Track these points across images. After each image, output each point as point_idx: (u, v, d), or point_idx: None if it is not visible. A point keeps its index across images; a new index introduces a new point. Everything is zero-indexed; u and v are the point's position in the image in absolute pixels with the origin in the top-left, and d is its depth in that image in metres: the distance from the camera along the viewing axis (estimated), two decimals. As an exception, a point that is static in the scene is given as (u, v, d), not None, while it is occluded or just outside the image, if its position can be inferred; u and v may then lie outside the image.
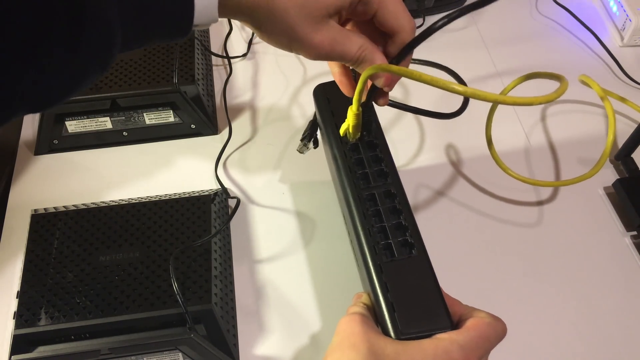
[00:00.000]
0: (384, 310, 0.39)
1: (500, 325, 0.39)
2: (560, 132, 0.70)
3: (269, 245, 0.60)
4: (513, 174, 0.63)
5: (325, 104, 0.51)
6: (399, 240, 0.42)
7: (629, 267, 0.59)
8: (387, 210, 0.44)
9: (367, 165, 0.46)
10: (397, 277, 0.40)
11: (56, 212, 0.57)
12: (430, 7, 0.80)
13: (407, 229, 0.43)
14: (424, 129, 0.70)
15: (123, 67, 0.67)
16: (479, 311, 0.40)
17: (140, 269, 0.52)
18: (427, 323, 0.39)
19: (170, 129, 0.68)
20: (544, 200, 0.64)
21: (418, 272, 0.41)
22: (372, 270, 0.41)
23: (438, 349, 0.36)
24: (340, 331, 0.39)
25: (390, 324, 0.39)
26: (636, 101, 0.71)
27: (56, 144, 0.67)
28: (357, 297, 0.44)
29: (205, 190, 0.62)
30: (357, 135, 0.46)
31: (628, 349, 0.54)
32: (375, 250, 0.42)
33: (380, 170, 0.46)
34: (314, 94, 0.52)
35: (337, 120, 0.49)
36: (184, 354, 0.50)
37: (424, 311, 0.39)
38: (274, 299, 0.56)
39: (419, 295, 0.40)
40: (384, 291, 0.40)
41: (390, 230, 0.43)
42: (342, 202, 0.48)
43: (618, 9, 0.81)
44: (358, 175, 0.45)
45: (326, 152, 0.55)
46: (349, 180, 0.45)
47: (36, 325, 0.49)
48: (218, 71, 0.76)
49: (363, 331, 0.38)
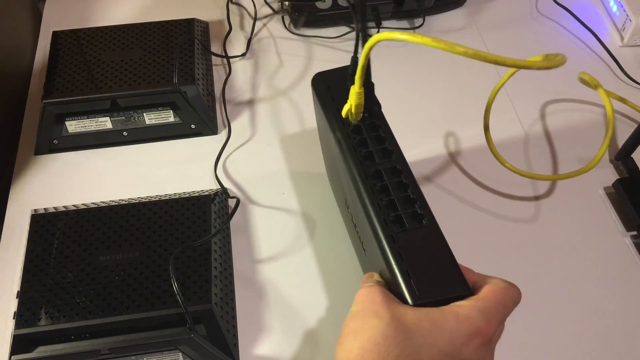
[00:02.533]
0: (400, 279, 0.39)
1: (516, 290, 0.39)
2: (559, 130, 0.70)
3: (269, 245, 0.60)
4: (510, 166, 0.63)
5: (325, 90, 0.50)
6: (409, 212, 0.42)
7: (629, 267, 0.59)
8: (394, 185, 0.43)
9: (370, 144, 0.46)
10: (410, 246, 0.40)
11: (56, 212, 0.57)
12: (430, 7, 0.80)
13: (415, 201, 0.42)
14: (421, 119, 0.71)
15: (123, 67, 0.67)
16: (493, 278, 0.40)
17: (140, 269, 0.52)
18: (445, 288, 0.38)
19: (170, 129, 0.68)
20: (547, 200, 0.64)
21: (430, 241, 0.40)
22: (384, 241, 0.40)
23: (459, 315, 0.36)
24: (360, 301, 0.39)
25: (407, 291, 0.38)
26: (636, 101, 0.71)
27: (56, 144, 0.67)
28: (368, 276, 0.44)
29: (205, 190, 0.62)
30: (359, 117, 0.46)
31: (628, 349, 0.54)
32: (386, 222, 0.41)
33: (384, 149, 0.45)
34: (312, 82, 0.52)
35: (338, 105, 0.48)
36: (184, 354, 0.50)
37: (440, 277, 0.39)
38: (274, 299, 0.56)
39: (433, 263, 0.39)
40: (398, 260, 0.39)
41: (399, 202, 0.42)
42: (346, 185, 0.48)
43: (618, 9, 0.81)
44: (363, 153, 0.45)
45: (325, 140, 0.54)
46: (353, 159, 0.45)
47: (36, 325, 0.49)
48: (217, 71, 0.76)
49: (384, 300, 0.38)
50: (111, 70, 0.66)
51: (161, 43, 0.70)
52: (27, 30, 0.79)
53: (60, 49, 0.69)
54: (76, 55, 0.68)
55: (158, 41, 0.70)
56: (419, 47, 0.78)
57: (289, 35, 0.81)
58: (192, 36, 0.71)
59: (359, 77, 0.43)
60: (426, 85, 0.74)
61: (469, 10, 0.84)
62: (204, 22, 0.79)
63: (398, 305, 0.37)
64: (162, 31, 0.71)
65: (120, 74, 0.66)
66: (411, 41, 0.36)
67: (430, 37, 0.35)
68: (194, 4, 0.84)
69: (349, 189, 0.47)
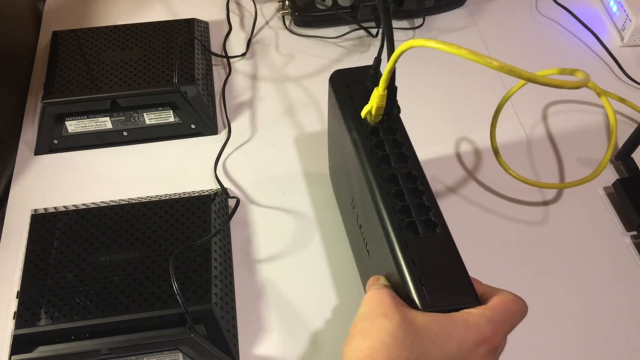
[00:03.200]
0: (411, 284, 0.39)
1: (523, 303, 0.39)
2: (560, 132, 0.70)
3: (269, 245, 0.60)
4: (517, 175, 0.63)
5: (344, 88, 0.50)
6: (423, 219, 0.42)
7: (629, 267, 0.59)
8: (409, 190, 0.43)
9: (387, 147, 0.45)
10: (422, 253, 0.40)
11: (56, 212, 0.57)
12: (430, 7, 0.80)
13: (430, 209, 0.42)
14: (432, 122, 0.71)
15: (123, 67, 0.67)
16: (501, 290, 0.40)
17: (140, 269, 0.52)
18: (455, 297, 0.38)
19: (170, 129, 0.68)
20: (548, 201, 0.64)
21: (443, 250, 0.40)
22: (397, 246, 0.40)
23: (468, 321, 0.36)
24: (368, 302, 0.39)
25: (417, 297, 0.38)
26: (636, 101, 0.71)
27: (56, 144, 0.67)
28: (374, 279, 0.43)
29: (205, 190, 0.62)
30: (378, 119, 0.46)
31: (628, 349, 0.54)
32: (400, 227, 0.41)
33: (401, 153, 0.45)
34: (330, 79, 0.52)
35: (356, 105, 0.48)
36: (184, 354, 0.50)
37: (451, 286, 0.39)
38: (274, 299, 0.56)
39: (445, 271, 0.39)
40: (411, 266, 0.39)
41: (413, 208, 0.42)
42: (357, 186, 0.48)
43: (618, 9, 0.81)
44: (379, 156, 0.45)
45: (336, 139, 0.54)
46: (369, 161, 0.45)
47: (36, 325, 0.49)
48: (217, 71, 0.76)
49: (393, 302, 0.38)
50: (111, 70, 0.66)
51: (161, 43, 0.70)
52: (27, 30, 0.79)
53: (60, 49, 0.69)
54: (76, 55, 0.68)
55: (158, 41, 0.70)
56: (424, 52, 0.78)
57: (289, 35, 0.80)
58: (192, 36, 0.71)
59: (384, 80, 0.42)
60: (431, 90, 0.74)
61: (469, 10, 0.84)
62: (204, 22, 0.79)
63: (408, 309, 0.38)
64: (162, 31, 0.71)
65: (120, 74, 0.66)
66: (446, 51, 0.35)
67: (467, 48, 0.34)
68: (194, 4, 0.84)
69: (360, 190, 0.47)
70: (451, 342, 0.36)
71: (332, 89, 0.51)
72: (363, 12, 0.77)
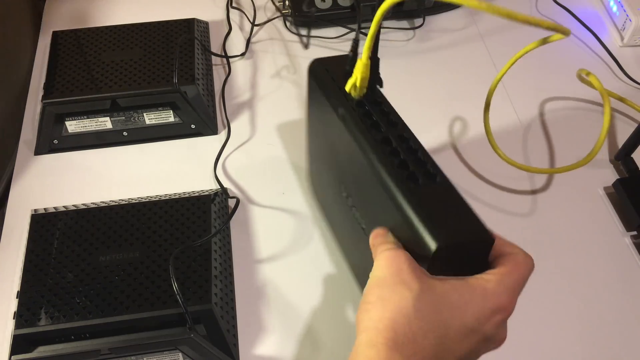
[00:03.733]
0: (420, 225, 0.38)
1: (531, 261, 0.39)
2: (557, 127, 0.70)
3: (269, 245, 0.60)
4: (507, 158, 0.63)
5: (324, 73, 0.50)
6: (422, 171, 0.41)
7: (629, 267, 0.59)
8: (403, 149, 0.43)
9: (375, 116, 0.46)
10: (428, 198, 0.39)
11: (56, 212, 0.57)
12: (430, 7, 0.80)
13: (425, 162, 0.42)
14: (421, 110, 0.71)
15: (123, 67, 0.67)
16: (512, 245, 0.39)
17: (140, 269, 0.52)
18: (468, 234, 0.38)
19: (170, 129, 0.68)
20: (548, 201, 0.64)
21: (447, 195, 0.40)
22: (401, 195, 0.40)
23: (487, 290, 0.36)
24: (384, 266, 0.38)
25: (430, 235, 0.37)
26: (636, 101, 0.71)
27: (56, 144, 0.67)
28: (382, 235, 0.42)
29: (205, 190, 0.62)
30: (362, 91, 0.46)
31: (628, 349, 0.54)
32: (401, 180, 0.41)
33: (390, 120, 0.45)
34: (309, 68, 0.51)
35: (339, 85, 0.48)
36: (184, 354, 0.50)
37: (461, 224, 0.38)
38: (274, 299, 0.56)
39: (453, 212, 0.39)
40: (417, 208, 0.39)
41: (410, 163, 0.42)
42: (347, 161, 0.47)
43: (618, 9, 0.81)
44: (369, 124, 0.45)
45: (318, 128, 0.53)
46: (360, 129, 0.45)
47: (36, 325, 0.49)
48: (217, 71, 0.76)
49: (411, 268, 0.37)
50: (111, 70, 0.66)
51: (161, 43, 0.70)
52: (27, 30, 0.79)
53: (60, 49, 0.69)
54: (76, 55, 0.69)
55: (158, 41, 0.70)
56: (419, 45, 0.78)
57: (288, 35, 0.81)
58: (192, 36, 0.71)
59: (367, 48, 0.42)
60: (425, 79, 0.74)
61: (469, 10, 0.84)
62: (204, 22, 0.79)
63: (427, 276, 0.37)
64: (162, 31, 0.71)
65: (120, 74, 0.66)
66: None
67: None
68: (194, 4, 0.84)
69: (353, 162, 0.46)
70: (470, 312, 0.36)
71: (311, 76, 0.51)
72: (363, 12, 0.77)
